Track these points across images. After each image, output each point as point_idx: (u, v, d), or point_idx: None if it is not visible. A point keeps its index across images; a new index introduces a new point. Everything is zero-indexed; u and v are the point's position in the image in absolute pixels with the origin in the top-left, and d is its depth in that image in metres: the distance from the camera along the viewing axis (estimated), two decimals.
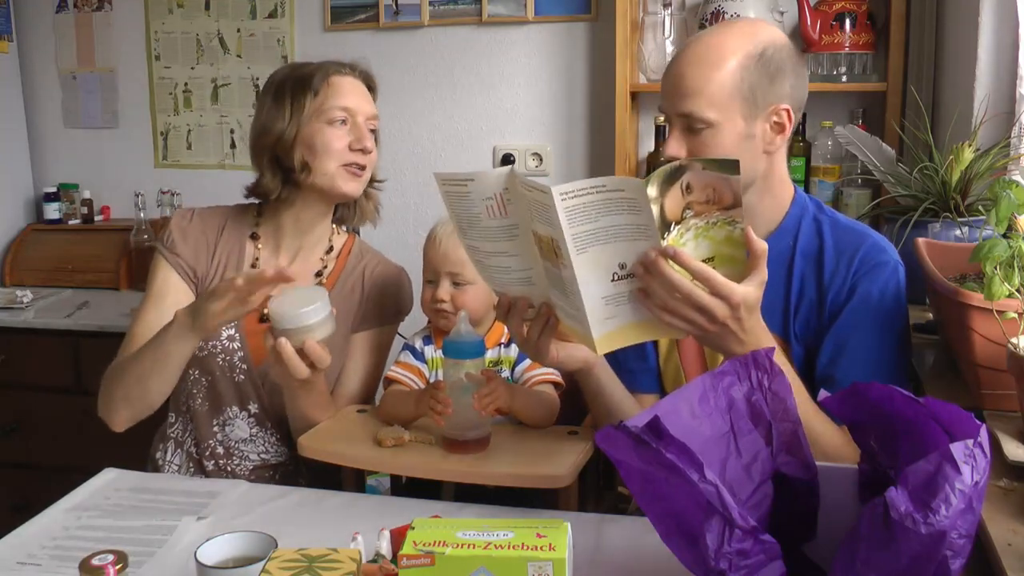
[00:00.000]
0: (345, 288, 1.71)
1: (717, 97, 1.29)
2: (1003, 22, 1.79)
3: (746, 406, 0.98)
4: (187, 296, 1.64)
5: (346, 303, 1.69)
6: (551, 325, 1.23)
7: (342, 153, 1.61)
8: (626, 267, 1.10)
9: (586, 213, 1.04)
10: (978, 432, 0.82)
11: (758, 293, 1.13)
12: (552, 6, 2.69)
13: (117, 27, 3.09)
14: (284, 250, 1.71)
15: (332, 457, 1.49)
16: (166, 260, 1.66)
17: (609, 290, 1.11)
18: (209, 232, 1.70)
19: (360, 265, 1.74)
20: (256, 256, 1.70)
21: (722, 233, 1.10)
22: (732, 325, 1.12)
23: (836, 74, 2.38)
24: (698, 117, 1.30)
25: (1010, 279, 1.07)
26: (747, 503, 0.95)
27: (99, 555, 1.03)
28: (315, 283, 1.70)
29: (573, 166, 2.77)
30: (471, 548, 0.92)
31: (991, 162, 1.64)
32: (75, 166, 3.18)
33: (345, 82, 1.65)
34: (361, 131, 1.63)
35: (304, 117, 1.61)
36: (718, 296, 1.10)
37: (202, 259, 1.68)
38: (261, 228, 1.72)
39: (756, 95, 1.30)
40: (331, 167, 1.60)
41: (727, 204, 1.07)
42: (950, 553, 0.78)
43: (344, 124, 1.62)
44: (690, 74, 1.31)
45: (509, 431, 1.51)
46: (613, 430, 0.88)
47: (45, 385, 2.66)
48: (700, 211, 1.07)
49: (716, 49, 1.31)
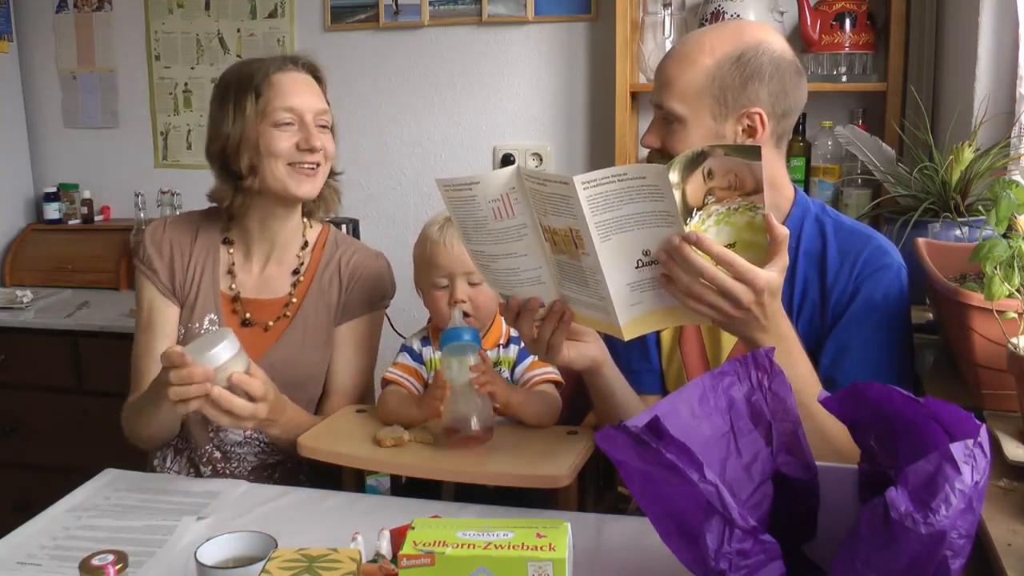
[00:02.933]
0: (323, 281, 1.70)
1: (687, 92, 1.32)
2: (1003, 22, 1.79)
3: (746, 406, 0.98)
4: (172, 314, 1.67)
5: (325, 297, 1.69)
6: (565, 321, 1.23)
7: (289, 153, 1.58)
8: (650, 254, 1.10)
9: (608, 201, 1.05)
10: (978, 432, 0.82)
11: (780, 279, 1.13)
12: (552, 6, 2.69)
13: (117, 27, 3.10)
14: (256, 254, 1.71)
15: (332, 457, 1.48)
16: (146, 278, 1.68)
17: (634, 276, 1.11)
18: (183, 241, 1.69)
19: (336, 256, 1.72)
20: (231, 262, 1.70)
21: (743, 219, 1.10)
22: (756, 310, 1.12)
23: (836, 74, 2.38)
24: (667, 109, 1.33)
25: (1010, 279, 1.07)
26: (747, 503, 0.95)
27: (99, 555, 1.03)
28: (292, 281, 1.70)
29: (573, 166, 2.76)
30: (471, 548, 0.92)
31: (991, 162, 1.64)
32: (75, 166, 3.18)
33: (287, 80, 1.60)
34: (309, 130, 1.59)
35: (248, 119, 1.58)
36: (742, 281, 1.10)
37: (178, 270, 1.67)
38: (232, 233, 1.71)
39: (727, 96, 1.31)
40: (279, 169, 1.58)
41: (748, 190, 1.08)
42: (950, 553, 0.78)
43: (291, 125, 1.58)
44: (668, 67, 1.35)
45: (509, 431, 1.51)
46: (613, 430, 0.88)
47: (45, 385, 2.66)
48: (721, 197, 1.07)
49: (697, 47, 1.33)
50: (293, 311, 1.68)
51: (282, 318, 1.68)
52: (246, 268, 1.70)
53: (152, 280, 1.67)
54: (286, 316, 1.68)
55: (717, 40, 1.33)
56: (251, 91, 1.58)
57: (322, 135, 1.61)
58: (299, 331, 1.67)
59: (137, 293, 1.70)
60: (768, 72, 1.32)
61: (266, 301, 1.69)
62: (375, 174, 2.93)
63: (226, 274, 1.69)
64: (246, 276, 1.70)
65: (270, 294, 1.70)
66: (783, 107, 1.34)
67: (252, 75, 1.60)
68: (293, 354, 1.66)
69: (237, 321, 1.67)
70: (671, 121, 1.34)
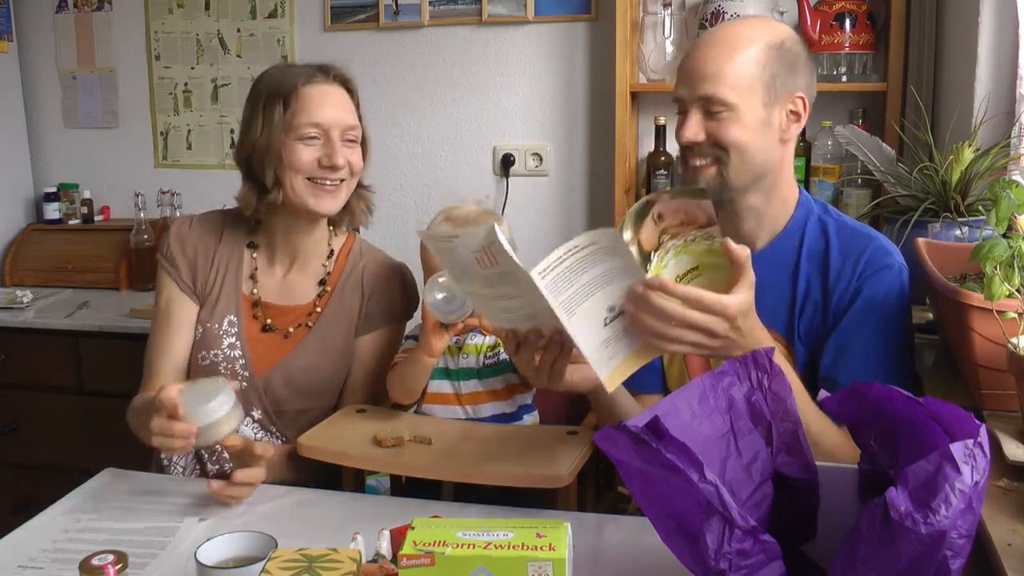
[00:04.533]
0: (345, 291, 1.69)
1: (739, 80, 1.31)
2: (1003, 22, 1.79)
3: (746, 406, 0.98)
4: (190, 311, 1.66)
5: (346, 306, 1.68)
6: (566, 348, 1.23)
7: (310, 168, 1.56)
8: (615, 308, 1.12)
9: (566, 278, 1.07)
10: (978, 432, 0.82)
11: (750, 296, 1.14)
12: (552, 6, 2.69)
13: (117, 27, 3.09)
14: (279, 260, 1.70)
15: (332, 457, 1.49)
16: (167, 274, 1.67)
17: (605, 334, 1.14)
18: (209, 239, 1.68)
19: (360, 265, 1.71)
20: (254, 267, 1.69)
21: (702, 247, 1.11)
22: (732, 335, 1.13)
23: (836, 74, 2.38)
24: (719, 100, 1.31)
25: (1010, 279, 1.07)
26: (747, 503, 0.95)
27: (99, 555, 1.03)
28: (318, 291, 1.68)
29: (573, 166, 2.77)
30: (471, 548, 0.92)
31: (991, 162, 1.64)
32: (75, 166, 3.17)
33: (317, 92, 1.58)
34: (333, 147, 1.57)
35: (274, 130, 1.56)
36: (713, 314, 1.11)
37: (201, 269, 1.67)
38: (257, 237, 1.70)
39: (776, 83, 1.33)
40: (299, 184, 1.57)
41: (702, 224, 1.09)
42: (950, 553, 0.78)
43: (316, 139, 1.57)
44: (711, 59, 1.32)
45: (509, 431, 1.52)
46: (613, 430, 0.88)
47: (45, 385, 2.66)
48: (676, 233, 1.08)
49: (737, 37, 1.34)
50: (315, 320, 1.67)
51: (303, 326, 1.67)
52: (269, 273, 1.69)
53: (173, 276, 1.66)
54: (307, 325, 1.67)
55: (755, 30, 1.35)
56: (280, 101, 1.56)
57: (348, 150, 1.59)
58: (318, 340, 1.66)
59: (157, 288, 1.69)
60: (803, 61, 1.36)
61: (287, 307, 1.68)
62: (375, 174, 2.91)
63: (248, 278, 1.68)
64: (269, 281, 1.69)
65: (292, 300, 1.69)
66: (811, 96, 1.38)
67: (283, 84, 1.58)
68: (311, 362, 1.65)
69: (258, 326, 1.65)
70: (717, 112, 1.32)
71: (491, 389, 1.63)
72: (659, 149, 2.52)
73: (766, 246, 1.41)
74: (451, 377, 1.64)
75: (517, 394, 1.64)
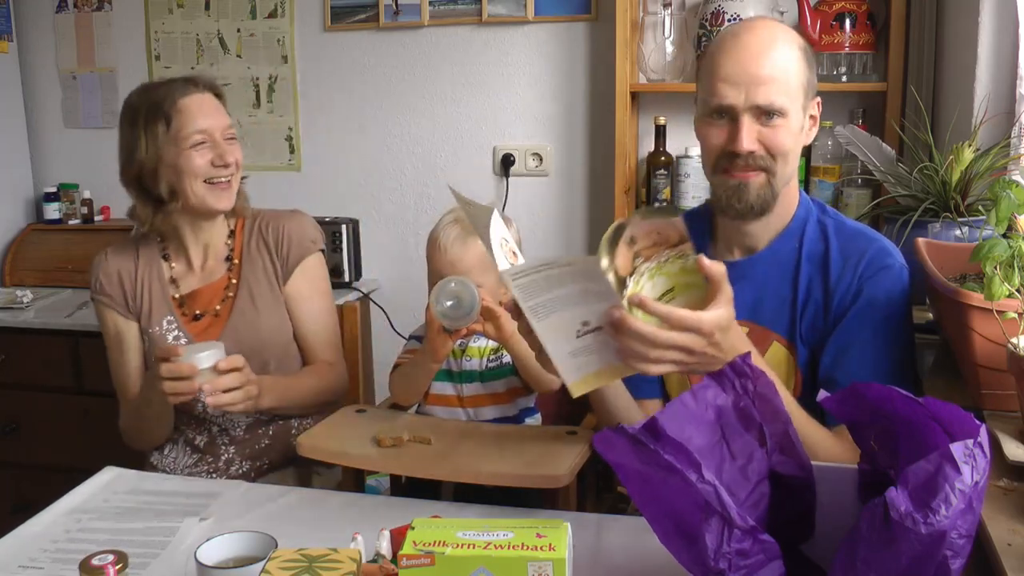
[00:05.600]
0: (252, 251, 1.80)
1: (790, 87, 1.31)
2: (1003, 22, 1.79)
3: (735, 413, 0.98)
4: (134, 329, 1.78)
5: (259, 262, 1.78)
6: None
7: (206, 170, 1.68)
8: (589, 324, 1.12)
9: (539, 286, 1.08)
10: (978, 432, 0.82)
11: (728, 311, 1.14)
12: (552, 6, 2.69)
13: (117, 27, 3.09)
14: (194, 257, 1.81)
15: (332, 457, 1.49)
16: (104, 305, 1.79)
17: (575, 345, 1.14)
18: (127, 264, 1.80)
19: (256, 225, 1.82)
20: (172, 275, 1.80)
21: (676, 266, 1.12)
22: (711, 351, 1.13)
23: (836, 74, 2.38)
24: (777, 108, 1.30)
25: (1010, 279, 1.07)
26: (745, 503, 0.95)
27: (99, 555, 1.03)
28: (226, 267, 1.79)
29: (573, 166, 2.77)
30: (471, 548, 0.92)
31: (991, 162, 1.64)
32: (75, 166, 3.17)
33: (194, 103, 1.70)
34: (221, 147, 1.70)
35: (161, 146, 1.67)
36: (689, 331, 1.10)
37: (128, 290, 1.79)
38: (169, 248, 1.82)
39: (808, 86, 1.34)
40: (198, 187, 1.68)
41: (674, 243, 1.09)
42: (950, 553, 0.78)
43: (204, 143, 1.68)
44: (763, 65, 1.30)
45: (509, 431, 1.51)
46: (611, 433, 0.88)
47: (45, 385, 2.66)
48: (649, 255, 1.09)
49: (775, 40, 1.32)
50: (235, 289, 1.78)
51: (227, 299, 1.78)
52: (189, 273, 1.81)
53: (110, 305, 1.78)
54: (229, 296, 1.78)
55: (784, 32, 1.35)
56: (160, 118, 1.68)
57: (231, 147, 1.72)
58: (246, 300, 1.77)
59: (101, 322, 1.81)
60: (814, 63, 1.37)
61: (206, 288, 1.79)
62: (375, 174, 2.93)
63: (170, 283, 1.79)
64: (190, 279, 1.81)
65: (210, 282, 1.80)
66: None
67: (159, 102, 1.69)
68: (248, 322, 1.75)
69: (189, 318, 1.77)
70: (770, 118, 1.30)
71: (493, 392, 1.63)
72: (659, 149, 2.52)
73: (766, 247, 1.41)
74: (453, 379, 1.65)
75: (519, 397, 1.64)
